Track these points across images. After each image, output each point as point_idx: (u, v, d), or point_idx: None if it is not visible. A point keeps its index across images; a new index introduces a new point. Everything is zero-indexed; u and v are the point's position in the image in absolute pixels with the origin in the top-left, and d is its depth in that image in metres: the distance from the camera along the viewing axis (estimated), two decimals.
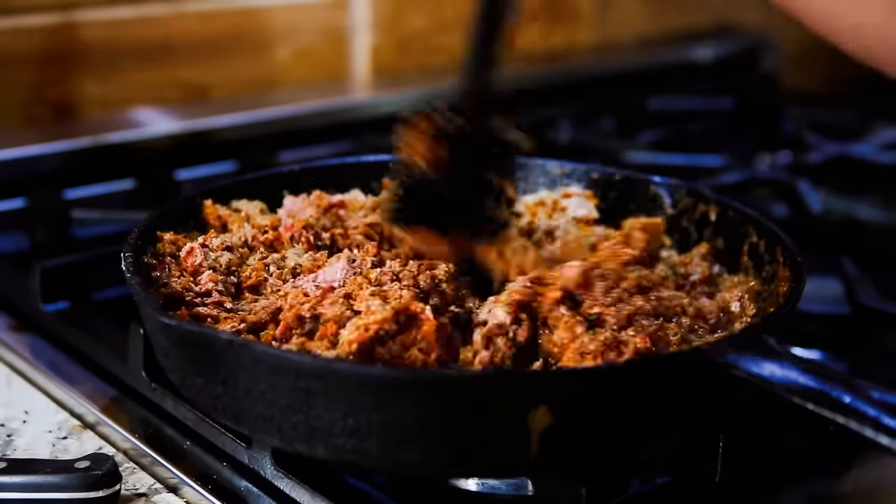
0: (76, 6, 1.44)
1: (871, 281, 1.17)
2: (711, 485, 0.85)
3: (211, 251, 0.93)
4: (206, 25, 1.56)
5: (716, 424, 0.83)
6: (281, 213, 1.03)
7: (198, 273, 0.91)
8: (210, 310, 0.87)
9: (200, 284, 0.89)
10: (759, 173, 1.56)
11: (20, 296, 1.15)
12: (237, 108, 1.54)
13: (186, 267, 0.91)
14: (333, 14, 1.69)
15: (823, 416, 0.71)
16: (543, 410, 0.72)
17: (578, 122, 1.75)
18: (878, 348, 1.13)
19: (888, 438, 0.68)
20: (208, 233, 0.97)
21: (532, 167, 1.13)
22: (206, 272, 0.90)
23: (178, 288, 0.88)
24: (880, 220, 1.39)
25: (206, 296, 0.88)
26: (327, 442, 0.75)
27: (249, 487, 0.87)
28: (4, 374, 1.07)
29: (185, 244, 0.94)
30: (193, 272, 0.91)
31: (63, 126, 1.44)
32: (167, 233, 0.95)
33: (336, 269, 0.89)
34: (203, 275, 0.90)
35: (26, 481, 0.82)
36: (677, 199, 1.07)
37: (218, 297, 0.88)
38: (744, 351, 0.75)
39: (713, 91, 1.95)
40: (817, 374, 0.72)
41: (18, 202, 1.33)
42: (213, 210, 1.01)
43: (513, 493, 0.85)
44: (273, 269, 0.92)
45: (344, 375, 0.74)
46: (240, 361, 0.76)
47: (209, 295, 0.88)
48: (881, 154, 1.68)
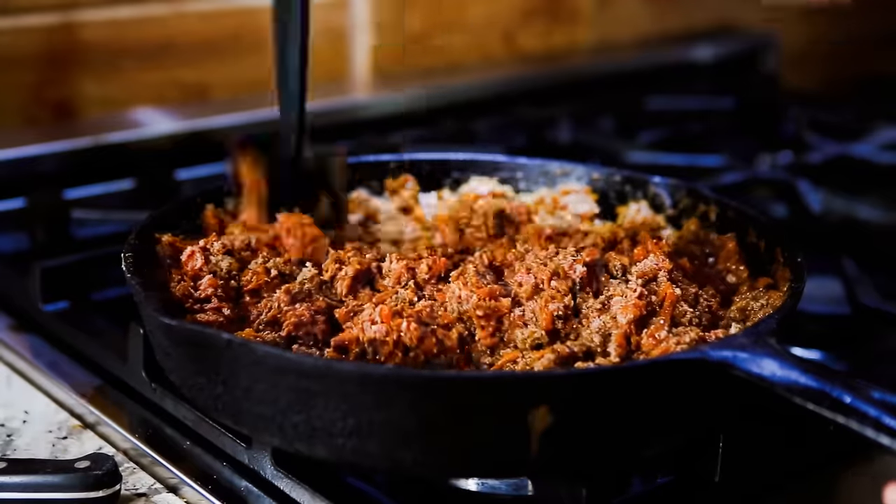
0: (76, 6, 1.44)
1: (871, 281, 1.17)
2: (711, 485, 0.85)
3: (212, 255, 0.92)
4: (207, 25, 1.56)
5: (716, 424, 0.83)
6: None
7: (198, 277, 0.90)
8: (209, 316, 0.86)
9: (200, 290, 0.89)
10: (759, 173, 1.55)
11: (20, 296, 1.15)
12: (237, 108, 1.54)
13: (187, 271, 0.91)
14: (333, 14, 1.69)
15: (824, 416, 0.71)
16: (544, 410, 0.72)
17: (578, 122, 1.75)
18: (879, 348, 1.13)
19: (889, 438, 0.68)
20: (209, 236, 0.97)
21: (532, 167, 1.13)
22: (206, 276, 0.90)
23: (178, 294, 0.88)
24: (880, 220, 1.39)
25: (206, 301, 0.88)
26: (328, 442, 0.75)
27: (249, 487, 0.87)
28: (4, 374, 1.07)
29: (184, 247, 0.94)
30: (194, 276, 0.91)
31: (63, 126, 1.44)
32: (165, 234, 0.95)
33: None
34: (203, 280, 0.90)
35: (26, 481, 0.82)
36: (677, 199, 1.07)
37: (217, 302, 0.88)
38: (744, 351, 0.75)
39: (713, 91, 1.95)
40: (818, 374, 0.72)
41: (18, 202, 1.32)
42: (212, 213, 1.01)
43: (513, 493, 0.85)
44: (273, 272, 0.92)
45: (344, 375, 0.74)
46: (240, 361, 0.76)
47: (209, 301, 0.88)
48: (881, 154, 1.68)
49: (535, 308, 0.85)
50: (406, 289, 0.88)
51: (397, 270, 0.90)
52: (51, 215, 1.31)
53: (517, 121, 1.73)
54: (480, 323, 0.84)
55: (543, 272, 0.88)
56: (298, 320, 0.84)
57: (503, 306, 0.85)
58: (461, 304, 0.85)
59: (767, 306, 0.90)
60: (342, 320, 0.85)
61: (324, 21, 1.67)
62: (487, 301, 0.85)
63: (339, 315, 0.85)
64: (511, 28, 1.88)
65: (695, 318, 0.86)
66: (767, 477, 0.88)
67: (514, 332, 0.85)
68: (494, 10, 1.86)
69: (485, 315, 0.84)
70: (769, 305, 0.90)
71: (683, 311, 0.87)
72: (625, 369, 0.79)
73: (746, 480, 0.87)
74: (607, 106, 1.83)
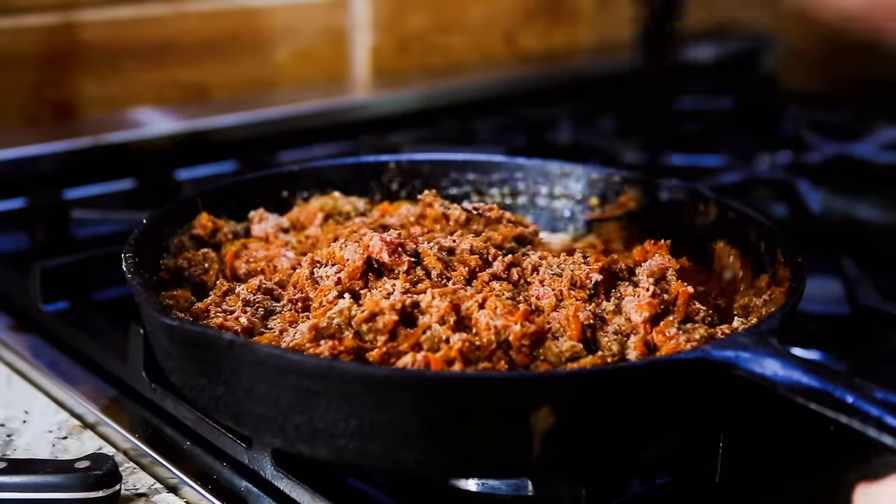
0: (76, 6, 1.44)
1: (871, 281, 1.17)
2: (711, 485, 0.85)
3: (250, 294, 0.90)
4: (206, 25, 1.56)
5: (716, 424, 0.83)
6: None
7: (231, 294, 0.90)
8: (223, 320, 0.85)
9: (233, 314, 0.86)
10: (759, 173, 1.55)
11: (20, 296, 1.15)
12: (237, 108, 1.54)
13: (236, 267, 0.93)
14: (333, 14, 1.69)
15: (826, 416, 0.71)
16: (546, 411, 0.72)
17: (578, 122, 1.75)
18: (879, 348, 1.13)
19: (892, 438, 0.68)
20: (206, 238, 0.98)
21: (531, 168, 1.13)
22: (240, 303, 0.88)
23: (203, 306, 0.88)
24: (880, 220, 1.39)
25: (231, 313, 0.87)
26: (330, 443, 0.75)
27: (249, 487, 0.87)
28: (4, 374, 1.07)
29: (197, 258, 0.95)
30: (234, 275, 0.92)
31: (63, 126, 1.44)
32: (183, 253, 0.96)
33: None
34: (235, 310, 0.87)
35: (26, 481, 0.82)
36: (677, 199, 1.07)
37: (241, 311, 0.87)
38: (746, 351, 0.75)
39: (712, 91, 1.95)
40: (820, 374, 0.72)
41: (18, 202, 1.33)
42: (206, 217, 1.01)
43: (513, 494, 0.85)
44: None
45: (346, 376, 0.74)
46: (242, 362, 0.76)
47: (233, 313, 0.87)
48: (881, 154, 1.68)
49: (560, 319, 0.84)
50: (444, 324, 0.82)
51: (441, 308, 0.82)
52: (51, 215, 1.31)
53: (517, 121, 1.73)
54: (521, 348, 0.80)
55: (560, 283, 0.88)
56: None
57: (541, 326, 0.82)
58: (499, 335, 0.80)
59: (770, 302, 0.90)
60: (377, 362, 0.79)
61: (324, 21, 1.68)
62: (527, 325, 0.81)
63: (372, 359, 0.79)
64: (511, 28, 1.88)
65: (707, 316, 0.87)
66: (767, 477, 0.88)
67: (549, 347, 0.81)
68: (495, 10, 1.86)
69: (530, 341, 0.81)
70: (772, 302, 0.90)
71: (696, 308, 0.87)
72: (627, 369, 0.79)
73: (746, 480, 0.87)
74: (607, 106, 1.83)
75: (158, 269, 0.94)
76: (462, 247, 0.91)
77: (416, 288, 0.86)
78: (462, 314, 0.82)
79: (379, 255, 0.88)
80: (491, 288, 0.87)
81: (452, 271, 0.89)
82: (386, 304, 0.82)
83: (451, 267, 0.89)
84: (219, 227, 1.01)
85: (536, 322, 0.82)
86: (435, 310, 0.82)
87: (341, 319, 0.82)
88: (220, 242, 1.00)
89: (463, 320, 0.82)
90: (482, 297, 0.84)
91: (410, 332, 0.81)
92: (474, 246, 0.92)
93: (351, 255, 0.88)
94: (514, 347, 0.80)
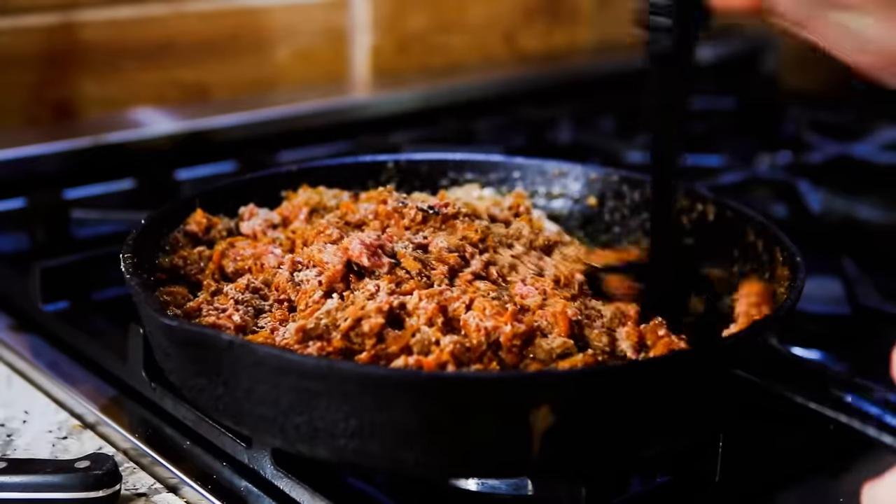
0: (76, 6, 1.44)
1: (871, 281, 1.17)
2: (711, 485, 0.85)
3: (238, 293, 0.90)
4: (206, 25, 1.56)
5: (716, 424, 0.83)
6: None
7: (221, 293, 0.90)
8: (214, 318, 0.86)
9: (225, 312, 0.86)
10: (759, 173, 1.55)
11: (20, 296, 1.15)
12: (237, 108, 1.54)
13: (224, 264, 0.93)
14: (333, 14, 1.69)
15: (826, 415, 0.71)
16: (546, 410, 0.72)
17: (578, 122, 1.75)
18: (879, 348, 1.12)
19: (891, 437, 0.69)
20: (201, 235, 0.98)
21: (529, 167, 1.13)
22: (231, 301, 0.88)
23: (195, 305, 0.88)
24: (880, 220, 1.39)
25: (223, 311, 0.87)
26: (330, 443, 0.75)
27: (249, 487, 0.87)
28: (4, 374, 1.07)
29: (193, 257, 0.95)
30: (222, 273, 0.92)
31: (63, 126, 1.44)
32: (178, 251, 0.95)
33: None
34: (228, 308, 0.87)
35: (26, 481, 0.82)
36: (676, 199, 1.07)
37: (233, 310, 0.86)
38: (746, 350, 0.75)
39: (713, 91, 1.95)
40: (819, 374, 0.72)
41: (18, 202, 1.33)
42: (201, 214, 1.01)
43: (513, 493, 0.85)
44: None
45: (346, 376, 0.73)
46: (241, 362, 0.76)
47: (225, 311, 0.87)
48: (881, 154, 1.68)
49: (547, 316, 0.84)
50: (433, 326, 0.81)
51: (429, 310, 0.82)
52: (51, 215, 1.31)
53: (517, 121, 1.73)
54: (512, 348, 0.80)
55: (543, 282, 0.87)
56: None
57: (531, 325, 0.81)
58: (489, 336, 0.80)
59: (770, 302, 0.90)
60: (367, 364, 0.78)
61: (324, 21, 1.68)
62: (517, 325, 0.80)
63: (361, 361, 0.78)
64: (511, 28, 1.88)
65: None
66: (767, 477, 0.88)
67: (539, 345, 0.81)
68: (495, 10, 1.86)
69: (521, 341, 0.80)
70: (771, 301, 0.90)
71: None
72: (628, 367, 0.79)
73: (746, 480, 0.87)
74: (607, 106, 1.83)
75: (156, 269, 0.94)
76: (439, 245, 0.90)
77: (401, 289, 0.85)
78: (449, 315, 0.82)
79: (359, 258, 0.87)
80: (476, 288, 0.86)
81: (431, 270, 0.88)
82: (371, 307, 0.81)
83: (430, 266, 0.89)
84: (213, 224, 1.01)
85: (526, 321, 0.82)
86: (422, 311, 0.81)
87: (329, 320, 0.81)
88: (214, 239, 1.00)
89: (451, 322, 0.82)
90: (469, 297, 0.83)
91: (398, 333, 0.80)
92: (451, 244, 0.91)
93: (330, 258, 0.88)
94: (504, 348, 0.80)
